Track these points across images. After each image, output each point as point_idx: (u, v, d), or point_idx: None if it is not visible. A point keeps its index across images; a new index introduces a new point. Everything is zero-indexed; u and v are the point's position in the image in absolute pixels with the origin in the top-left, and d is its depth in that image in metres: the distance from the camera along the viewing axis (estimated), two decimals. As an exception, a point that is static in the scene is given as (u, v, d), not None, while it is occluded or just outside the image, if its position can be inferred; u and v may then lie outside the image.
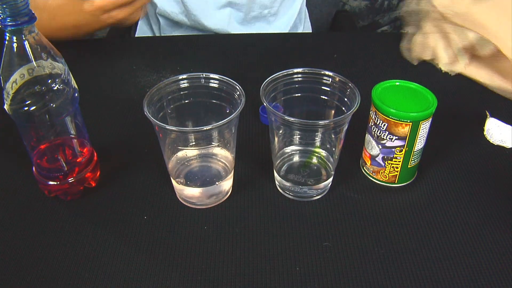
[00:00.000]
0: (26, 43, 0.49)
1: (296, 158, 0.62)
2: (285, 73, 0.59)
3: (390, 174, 0.60)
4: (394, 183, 0.61)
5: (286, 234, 0.55)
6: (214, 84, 0.58)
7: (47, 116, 0.52)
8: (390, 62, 0.86)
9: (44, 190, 0.59)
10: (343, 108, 0.58)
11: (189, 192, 0.59)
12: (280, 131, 0.58)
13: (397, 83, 0.60)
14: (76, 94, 0.54)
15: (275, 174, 0.61)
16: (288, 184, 0.59)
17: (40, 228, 0.56)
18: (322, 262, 0.52)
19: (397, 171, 0.59)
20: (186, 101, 0.59)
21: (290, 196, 0.60)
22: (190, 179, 0.59)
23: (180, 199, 0.59)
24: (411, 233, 0.55)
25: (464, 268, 0.52)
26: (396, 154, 0.58)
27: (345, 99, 0.57)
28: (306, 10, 1.12)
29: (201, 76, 0.58)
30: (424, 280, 0.51)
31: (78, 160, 0.58)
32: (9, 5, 0.46)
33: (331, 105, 0.60)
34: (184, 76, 0.58)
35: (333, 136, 0.58)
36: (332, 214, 0.58)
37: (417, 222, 0.57)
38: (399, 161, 0.59)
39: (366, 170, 0.62)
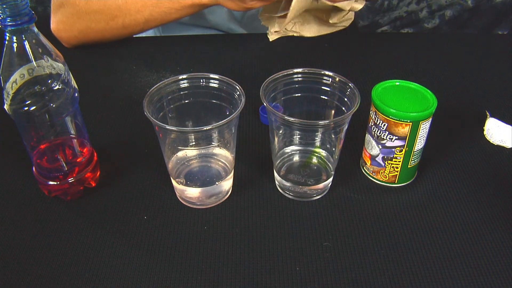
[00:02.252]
0: (26, 43, 0.49)
1: (296, 158, 0.62)
2: (285, 73, 0.59)
3: (390, 174, 0.60)
4: (394, 183, 0.61)
5: (286, 234, 0.55)
6: (214, 84, 0.58)
7: (47, 116, 0.52)
8: (390, 62, 0.86)
9: (44, 190, 0.59)
10: (343, 108, 0.58)
11: (189, 192, 0.59)
12: (280, 131, 0.58)
13: (397, 83, 0.60)
14: (76, 94, 0.54)
15: (275, 174, 0.61)
16: (288, 184, 0.59)
17: (40, 228, 0.56)
18: (322, 262, 0.52)
19: (397, 171, 0.59)
20: (186, 101, 0.59)
21: (290, 196, 0.60)
22: (190, 179, 0.59)
23: (180, 199, 0.59)
24: (411, 233, 0.55)
25: (464, 268, 0.52)
26: (396, 154, 0.58)
27: (345, 99, 0.57)
28: None
29: (201, 77, 0.58)
30: (424, 280, 0.51)
31: (78, 160, 0.58)
32: (9, 5, 0.46)
33: (331, 105, 0.60)
34: (184, 76, 0.58)
35: (333, 136, 0.58)
36: (332, 214, 0.58)
37: (417, 222, 0.57)
38: (399, 161, 0.59)
39: (366, 170, 0.62)
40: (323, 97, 0.60)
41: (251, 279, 0.51)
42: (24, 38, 0.49)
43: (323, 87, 0.59)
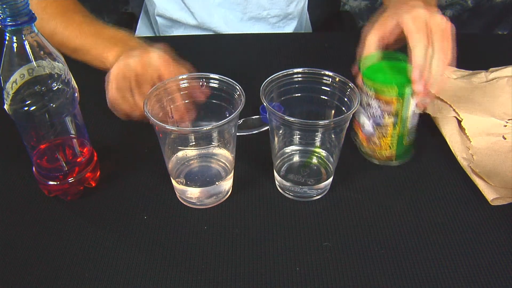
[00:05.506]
0: (26, 43, 0.49)
1: (296, 158, 0.62)
2: (285, 73, 0.59)
3: (386, 152, 0.61)
4: (391, 161, 0.61)
5: (286, 234, 0.55)
6: (214, 84, 0.58)
7: (47, 116, 0.52)
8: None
9: (44, 190, 0.59)
10: (343, 108, 0.58)
11: (189, 192, 0.59)
12: (280, 131, 0.58)
13: (384, 58, 0.61)
14: (76, 94, 0.54)
15: (275, 174, 0.61)
16: (288, 184, 0.59)
17: (40, 228, 0.56)
18: (322, 262, 0.52)
19: (393, 148, 0.60)
20: (186, 101, 0.59)
21: (290, 196, 0.60)
22: (190, 179, 0.59)
23: (180, 199, 0.59)
24: (411, 233, 0.55)
25: (464, 268, 0.52)
26: (388, 130, 0.60)
27: (345, 99, 0.57)
28: (307, 13, 1.12)
29: (201, 77, 0.58)
30: (424, 280, 0.51)
31: (78, 160, 0.58)
32: (9, 5, 0.46)
33: (331, 105, 0.60)
34: (184, 76, 0.58)
35: (333, 136, 0.58)
36: (332, 214, 0.58)
37: (417, 222, 0.57)
38: (393, 136, 0.60)
39: (364, 151, 0.63)
40: (323, 97, 0.60)
41: (251, 279, 0.51)
42: (24, 38, 0.48)
43: (323, 87, 0.59)
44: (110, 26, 0.80)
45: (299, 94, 0.60)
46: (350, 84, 0.57)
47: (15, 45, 0.48)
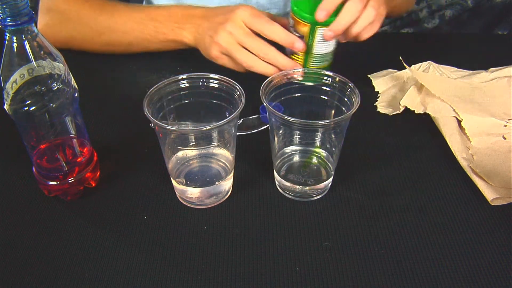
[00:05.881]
0: (26, 43, 0.49)
1: (296, 158, 0.62)
2: (285, 73, 0.59)
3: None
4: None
5: (286, 234, 0.55)
6: (214, 84, 0.58)
7: (47, 116, 0.52)
8: (390, 62, 0.86)
9: (44, 190, 0.59)
10: (343, 108, 0.58)
11: (189, 192, 0.59)
12: (280, 131, 0.58)
13: None
14: (76, 94, 0.54)
15: (275, 174, 0.61)
16: (288, 184, 0.59)
17: (40, 228, 0.56)
18: (322, 262, 0.52)
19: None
20: (186, 101, 0.59)
21: (290, 196, 0.60)
22: (190, 179, 0.59)
23: (180, 199, 0.59)
24: (411, 233, 0.55)
25: (464, 268, 0.52)
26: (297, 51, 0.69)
27: (345, 99, 0.57)
28: None
29: (201, 77, 0.58)
30: (424, 280, 0.51)
31: (78, 160, 0.58)
32: (9, 5, 0.46)
33: (331, 105, 0.60)
34: (184, 76, 0.58)
35: (333, 136, 0.58)
36: (332, 214, 0.58)
37: (417, 222, 0.57)
38: (301, 59, 0.70)
39: None
40: (323, 97, 0.60)
41: (251, 279, 0.51)
42: (24, 38, 0.48)
43: (323, 87, 0.59)
44: (152, 5, 0.81)
45: (299, 94, 0.60)
46: (350, 84, 0.57)
47: (15, 45, 0.48)
